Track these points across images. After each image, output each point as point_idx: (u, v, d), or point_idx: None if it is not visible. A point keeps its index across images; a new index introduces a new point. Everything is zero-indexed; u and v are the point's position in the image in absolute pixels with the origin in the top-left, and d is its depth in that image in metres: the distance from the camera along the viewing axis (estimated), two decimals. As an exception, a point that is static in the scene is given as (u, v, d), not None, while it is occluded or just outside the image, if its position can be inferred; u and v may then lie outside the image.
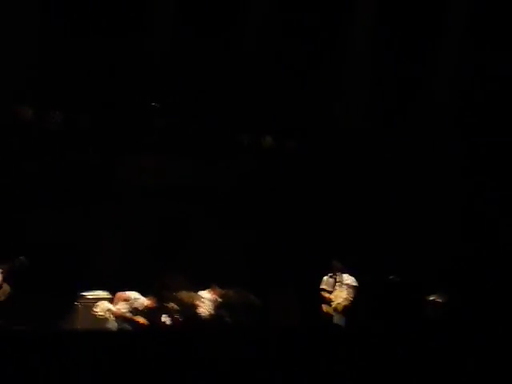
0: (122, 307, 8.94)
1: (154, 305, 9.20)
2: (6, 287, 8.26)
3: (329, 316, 9.66)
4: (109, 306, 8.98)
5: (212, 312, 9.79)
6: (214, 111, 10.67)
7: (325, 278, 9.83)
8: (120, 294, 9.03)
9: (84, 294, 9.39)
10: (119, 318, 8.88)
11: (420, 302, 9.80)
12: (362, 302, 9.90)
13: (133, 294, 9.11)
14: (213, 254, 10.87)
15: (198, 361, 4.51)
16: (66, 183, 10.16)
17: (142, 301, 9.13)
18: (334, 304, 9.65)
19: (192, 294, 9.63)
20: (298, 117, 11.11)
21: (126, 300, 9.04)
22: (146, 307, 9.15)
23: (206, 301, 9.89)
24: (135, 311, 9.04)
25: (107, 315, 8.87)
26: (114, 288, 9.30)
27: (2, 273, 8.21)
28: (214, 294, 9.80)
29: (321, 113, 11.15)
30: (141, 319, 8.97)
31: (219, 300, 9.89)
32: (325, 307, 9.74)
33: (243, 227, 11.09)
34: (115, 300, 9.00)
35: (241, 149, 10.95)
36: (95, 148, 10.32)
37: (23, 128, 9.75)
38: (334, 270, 9.75)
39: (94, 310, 8.91)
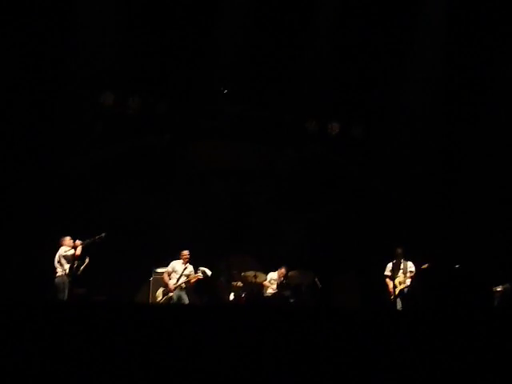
0: (171, 282, 9.35)
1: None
2: (86, 259, 8.75)
3: (392, 301, 9.71)
4: (162, 289, 9.38)
5: (276, 292, 10.07)
6: (282, 99, 10.81)
7: (389, 264, 9.86)
8: (164, 276, 9.39)
9: (157, 269, 9.83)
10: (174, 290, 9.30)
11: (485, 291, 9.67)
12: (426, 289, 9.85)
13: (170, 266, 9.45)
14: (279, 236, 11.12)
15: (258, 338, 4.67)
16: (142, 165, 10.65)
17: (177, 265, 9.46)
18: (397, 290, 9.69)
19: (258, 273, 9.94)
20: (364, 105, 11.09)
21: (170, 274, 9.43)
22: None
23: (271, 281, 10.20)
24: (180, 277, 9.41)
25: (166, 296, 9.31)
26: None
27: (82, 245, 8.67)
28: (280, 274, 10.14)
29: (386, 103, 11.07)
30: (196, 276, 9.30)
31: (284, 281, 10.16)
32: (389, 293, 9.80)
33: (309, 211, 11.26)
34: (164, 281, 9.39)
35: (308, 135, 11.05)
36: (170, 132, 10.69)
37: (105, 112, 10.24)
38: (398, 257, 9.79)
39: (156, 298, 9.32)
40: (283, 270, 10.10)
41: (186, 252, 9.54)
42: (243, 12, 10.23)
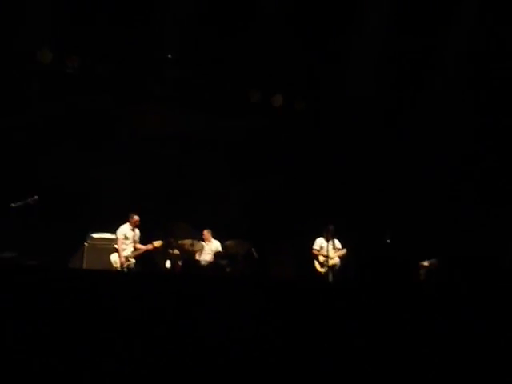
0: (125, 252, 9.22)
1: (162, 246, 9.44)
2: None
3: (321, 274, 9.96)
4: (118, 256, 9.27)
5: (213, 260, 10.08)
6: (227, 68, 10.64)
7: (318, 239, 10.12)
8: (117, 245, 9.25)
9: (92, 234, 9.66)
10: (128, 261, 9.16)
11: (411, 264, 10.01)
12: (353, 263, 10.14)
13: (120, 232, 9.34)
14: (217, 205, 11.07)
15: (192, 306, 4.65)
16: (80, 127, 10.29)
17: (128, 230, 9.40)
18: (326, 264, 9.91)
19: (195, 242, 9.91)
20: (308, 79, 11.08)
21: (122, 241, 9.33)
22: (155, 248, 9.43)
23: (207, 249, 10.20)
24: (135, 242, 9.40)
25: (125, 264, 9.20)
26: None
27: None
28: (206, 236, 10.17)
29: (330, 77, 11.08)
30: (150, 246, 9.21)
31: (220, 249, 10.18)
32: (317, 266, 10.04)
33: (249, 181, 11.21)
34: (118, 250, 9.24)
35: (251, 106, 10.96)
36: (109, 94, 10.36)
37: (42, 71, 9.79)
38: (329, 233, 9.98)
39: (113, 265, 9.17)
40: (206, 232, 10.18)
41: (136, 217, 9.39)
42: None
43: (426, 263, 10.17)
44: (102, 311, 4.41)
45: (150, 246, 9.33)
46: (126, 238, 9.37)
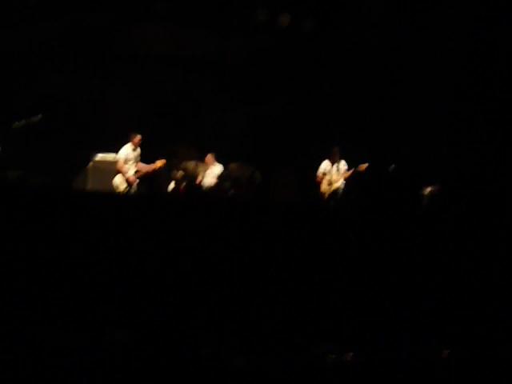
0: (129, 172, 9.21)
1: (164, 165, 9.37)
2: None
3: (325, 197, 9.97)
4: (121, 179, 9.20)
5: (216, 183, 10.13)
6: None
7: (324, 162, 10.02)
8: (119, 166, 9.13)
9: (97, 155, 9.58)
10: (138, 178, 9.14)
11: (415, 192, 10.01)
12: (360, 188, 10.11)
13: (121, 154, 9.16)
14: (221, 128, 11.00)
15: (195, 229, 4.68)
16: (80, 44, 10.07)
17: (130, 150, 9.25)
18: (331, 188, 9.90)
19: (199, 164, 9.91)
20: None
21: (125, 163, 9.20)
22: (157, 168, 9.34)
23: (210, 172, 10.22)
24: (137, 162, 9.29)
25: (125, 187, 9.15)
26: None
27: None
28: (208, 160, 10.11)
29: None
30: (155, 166, 9.13)
31: (224, 172, 10.21)
32: (322, 188, 10.01)
33: (253, 104, 11.09)
34: (120, 170, 9.16)
35: (256, 26, 10.64)
36: (112, 11, 10.06)
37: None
38: (334, 156, 9.93)
39: (117, 189, 9.08)
40: (210, 156, 10.10)
41: (139, 136, 9.23)
42: None
43: (428, 189, 10.16)
44: (103, 235, 4.43)
45: (152, 166, 9.26)
46: (128, 159, 9.24)
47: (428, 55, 10.99)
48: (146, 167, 9.31)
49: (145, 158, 9.51)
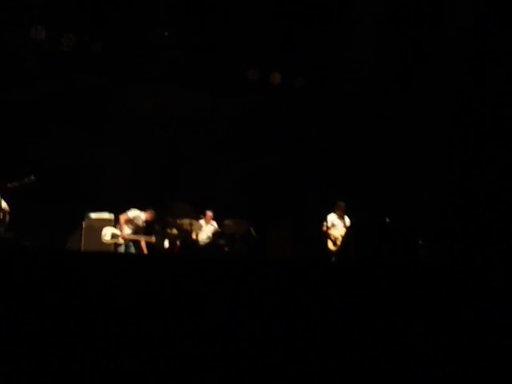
0: (126, 230, 9.18)
1: (153, 217, 9.43)
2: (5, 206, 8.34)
3: (333, 253, 9.70)
4: (114, 230, 9.21)
5: (211, 240, 10.04)
6: (223, 46, 10.47)
7: (330, 216, 9.83)
8: (122, 216, 9.25)
9: (91, 214, 9.54)
10: (126, 240, 9.13)
11: (411, 244, 9.93)
12: (358, 241, 9.99)
13: (132, 213, 9.34)
14: (215, 185, 11.02)
15: (191, 286, 4.60)
16: (76, 105, 10.18)
17: (142, 216, 9.37)
18: (337, 242, 9.68)
19: (193, 221, 9.86)
20: (309, 56, 10.90)
21: (129, 221, 9.28)
22: (147, 221, 9.39)
23: (205, 229, 10.15)
24: (139, 230, 9.32)
25: (116, 240, 9.12)
26: (118, 211, 9.54)
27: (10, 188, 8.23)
28: (208, 218, 10.15)
29: (331, 55, 10.90)
30: (143, 240, 9.21)
31: (219, 229, 10.14)
32: (330, 244, 9.75)
33: (246, 160, 11.16)
34: (120, 223, 9.23)
35: (248, 85, 10.82)
36: (106, 73, 10.23)
37: (37, 48, 9.63)
38: (341, 210, 9.81)
39: (103, 238, 9.11)
40: (210, 213, 10.11)
41: (152, 214, 9.39)
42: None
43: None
44: (98, 295, 4.29)
45: (145, 239, 9.25)
46: (134, 218, 9.29)
47: (414, 108, 11.20)
48: (139, 237, 9.29)
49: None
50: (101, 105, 10.40)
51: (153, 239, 9.30)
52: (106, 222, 9.39)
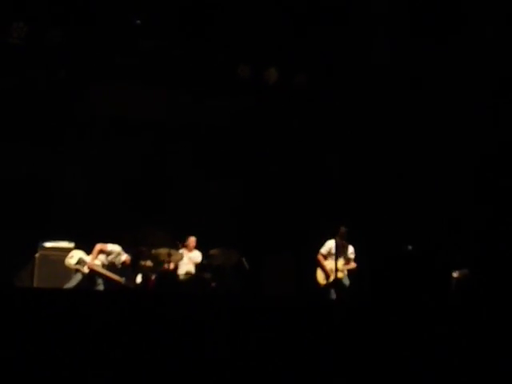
0: (97, 260, 9.16)
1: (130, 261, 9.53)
2: None
3: (322, 288, 9.76)
4: (84, 256, 9.20)
5: (194, 273, 9.98)
6: (210, 37, 10.51)
7: (329, 242, 9.85)
8: (99, 245, 9.26)
9: (45, 244, 9.58)
10: (92, 271, 9.09)
11: (443, 277, 9.90)
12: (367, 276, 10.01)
13: (112, 246, 9.37)
14: (198, 206, 10.99)
15: (169, 332, 4.54)
16: (27, 108, 10.14)
17: (122, 257, 9.45)
18: (330, 277, 9.73)
19: (172, 250, 9.80)
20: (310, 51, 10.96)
21: (105, 252, 9.29)
22: (125, 264, 9.43)
23: (187, 260, 10.09)
24: (111, 267, 9.33)
25: (80, 267, 9.09)
26: (78, 239, 9.57)
27: None
28: (190, 244, 10.12)
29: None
30: (115, 277, 9.22)
31: (204, 260, 10.08)
32: (319, 277, 9.82)
33: (234, 176, 11.19)
34: (93, 251, 9.22)
35: (239, 83, 10.85)
36: (65, 68, 10.23)
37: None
38: (342, 237, 9.80)
39: (68, 259, 9.10)
40: (193, 240, 10.15)
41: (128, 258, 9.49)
42: None
43: (455, 274, 10.07)
44: (59, 339, 4.37)
45: (114, 277, 9.32)
46: (111, 253, 9.37)
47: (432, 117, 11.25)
48: (110, 274, 9.32)
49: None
50: (59, 108, 10.37)
51: (122, 280, 9.35)
52: (64, 252, 9.34)
